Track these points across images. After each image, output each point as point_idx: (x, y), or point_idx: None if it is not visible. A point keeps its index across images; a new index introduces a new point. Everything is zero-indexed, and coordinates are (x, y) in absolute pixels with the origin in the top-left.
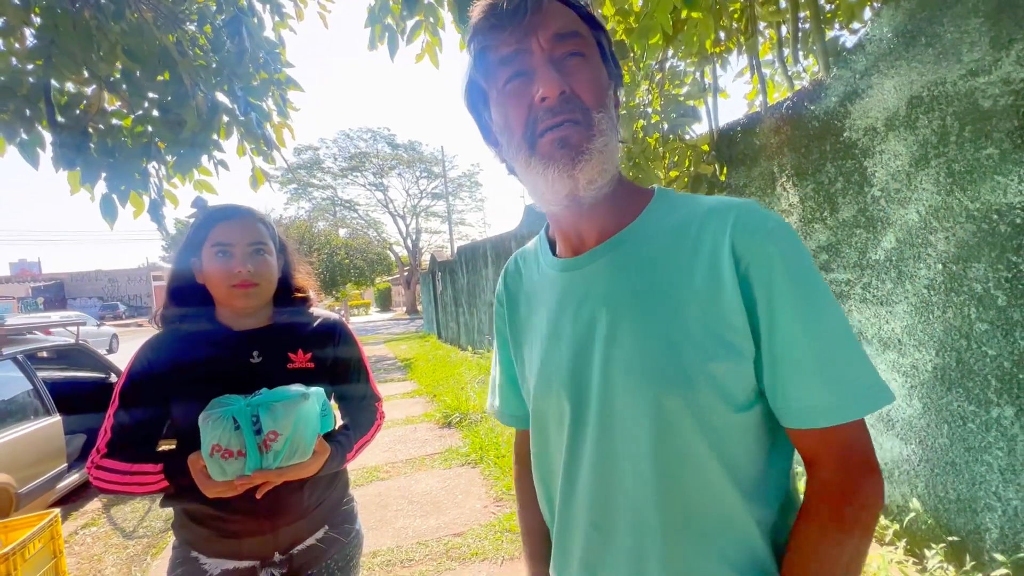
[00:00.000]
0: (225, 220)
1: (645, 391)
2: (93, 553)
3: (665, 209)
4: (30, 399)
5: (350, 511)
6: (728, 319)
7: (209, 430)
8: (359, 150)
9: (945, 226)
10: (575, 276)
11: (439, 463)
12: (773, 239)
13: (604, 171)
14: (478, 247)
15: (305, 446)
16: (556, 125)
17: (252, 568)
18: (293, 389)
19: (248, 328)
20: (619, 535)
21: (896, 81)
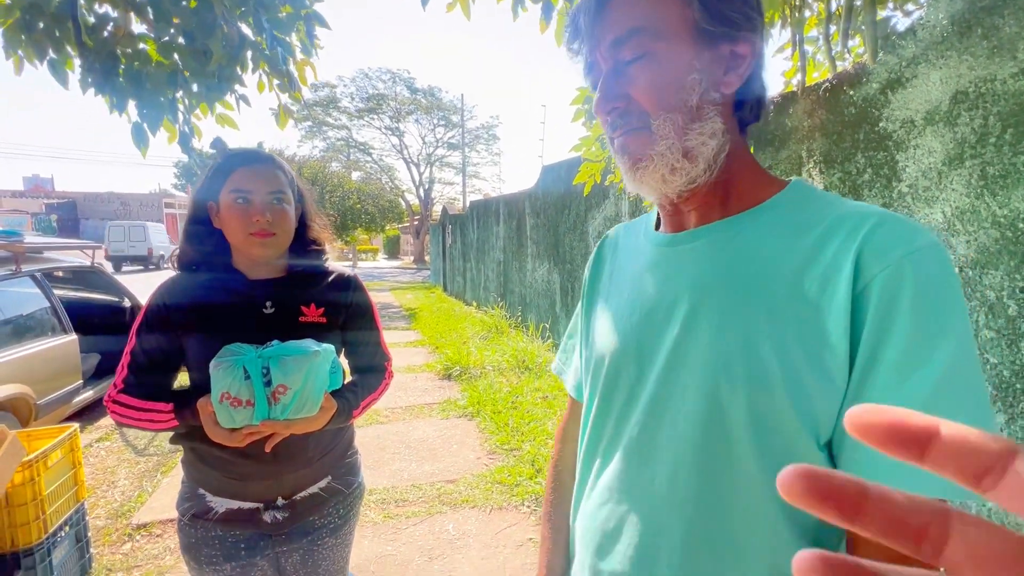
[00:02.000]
0: (246, 166)
1: (710, 388)
2: (107, 465)
3: (792, 204)
4: (48, 316)
5: (354, 463)
6: (830, 340)
7: (220, 378)
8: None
9: (968, 229)
10: (668, 252)
11: (437, 413)
12: (915, 261)
13: (674, 170)
14: (491, 203)
15: (313, 401)
16: (617, 136)
17: (256, 509)
18: (305, 345)
19: (263, 277)
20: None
21: (943, 73)
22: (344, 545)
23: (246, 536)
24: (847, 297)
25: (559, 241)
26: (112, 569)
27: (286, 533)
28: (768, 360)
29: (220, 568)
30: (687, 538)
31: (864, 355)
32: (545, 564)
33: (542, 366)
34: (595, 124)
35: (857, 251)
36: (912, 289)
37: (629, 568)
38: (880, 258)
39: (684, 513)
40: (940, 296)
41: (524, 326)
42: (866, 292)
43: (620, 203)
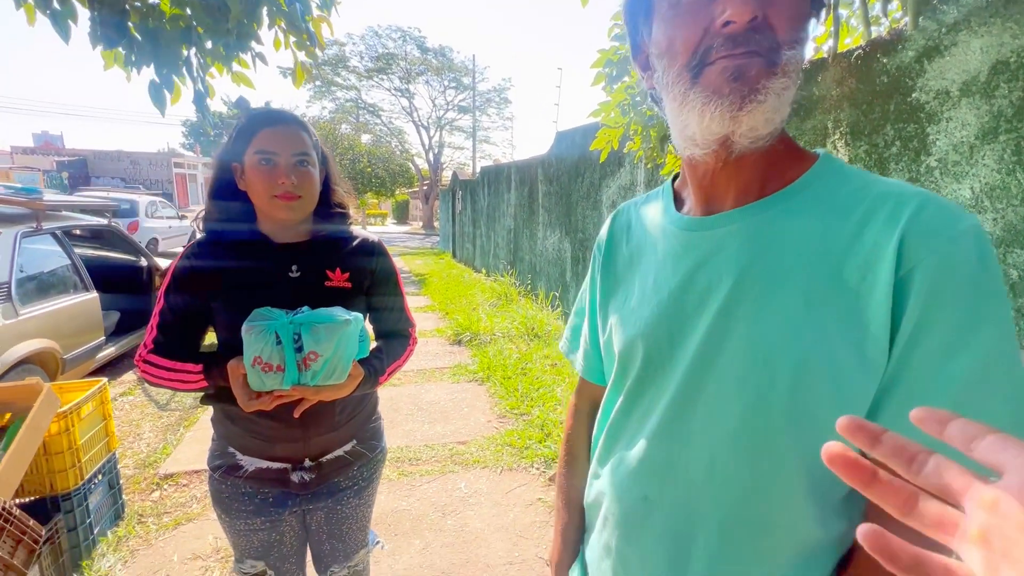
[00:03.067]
0: (271, 126)
1: (749, 378)
2: (132, 419)
3: (828, 182)
4: (69, 274)
5: (377, 428)
6: (870, 327)
7: (252, 342)
8: (387, 50)
9: (997, 207)
10: (699, 237)
11: (448, 377)
12: (959, 246)
13: (771, 121)
14: (502, 169)
15: (342, 369)
16: (734, 56)
17: (284, 470)
18: (336, 313)
19: (288, 241)
20: (670, 514)
21: (985, 41)
22: (367, 506)
23: (275, 494)
24: (889, 283)
25: (571, 209)
26: (143, 515)
27: (312, 493)
28: (809, 351)
29: (251, 522)
30: (724, 522)
31: (903, 340)
32: (560, 535)
33: (551, 334)
34: (616, 88)
35: (900, 236)
36: (953, 275)
37: (662, 551)
38: (923, 243)
39: (721, 499)
40: (980, 281)
41: (534, 294)
42: (908, 278)
43: (636, 172)
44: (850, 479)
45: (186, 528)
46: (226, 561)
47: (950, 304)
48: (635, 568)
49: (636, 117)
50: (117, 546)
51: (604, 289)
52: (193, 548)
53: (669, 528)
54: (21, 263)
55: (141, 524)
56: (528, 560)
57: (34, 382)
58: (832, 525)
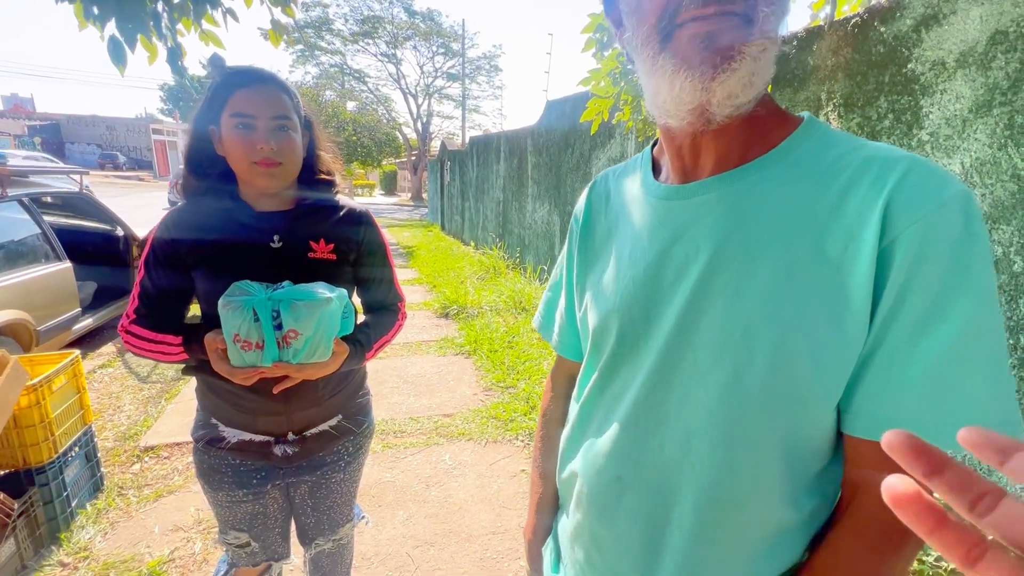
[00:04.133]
0: (246, 87)
1: (727, 354)
2: (112, 391)
3: (811, 146)
4: (39, 243)
5: (365, 404)
6: (851, 301)
7: (229, 318)
8: (372, 13)
9: (986, 182)
10: (677, 206)
11: (434, 350)
12: (944, 213)
13: (750, 85)
14: (491, 140)
15: (325, 347)
16: (704, 17)
17: (267, 443)
18: (318, 290)
19: (271, 210)
20: (644, 494)
21: (985, 9)
22: (352, 481)
23: (257, 466)
24: (872, 254)
25: (561, 181)
26: (123, 487)
27: (296, 466)
28: (788, 326)
29: (233, 493)
30: (699, 501)
31: (883, 313)
32: (534, 510)
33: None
34: (608, 56)
35: (884, 204)
36: (936, 244)
37: (636, 532)
38: (908, 212)
39: (696, 478)
40: (963, 251)
41: (522, 267)
42: (891, 248)
43: (626, 143)
44: (915, 524)
45: (167, 500)
46: (208, 532)
47: (931, 275)
48: (609, 548)
49: (627, 86)
50: (96, 518)
51: (581, 263)
52: (174, 520)
53: (643, 508)
54: None
55: (121, 496)
56: (511, 530)
57: (0, 354)
58: (805, 503)
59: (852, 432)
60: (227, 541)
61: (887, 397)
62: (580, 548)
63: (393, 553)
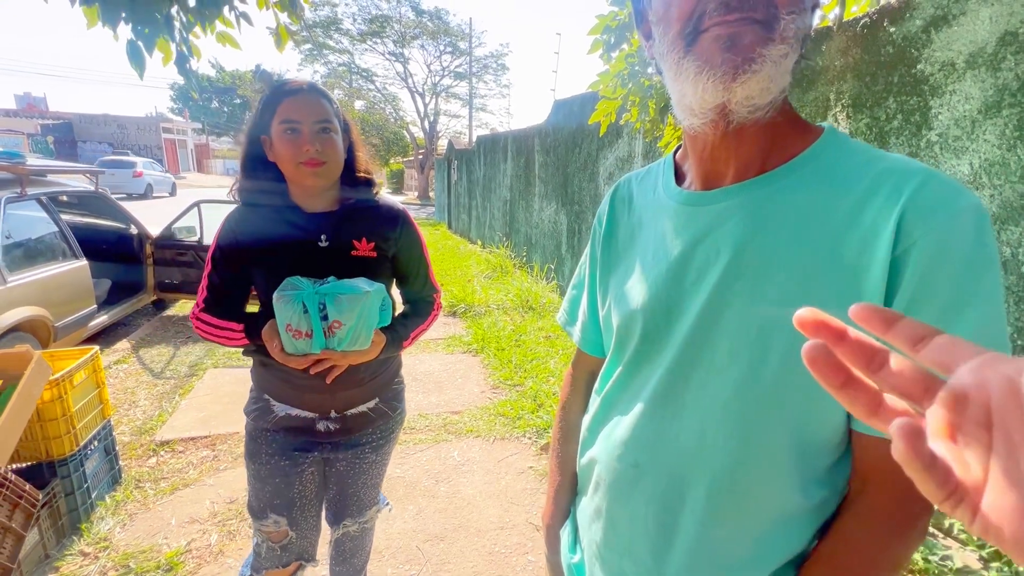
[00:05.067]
0: (292, 96)
1: (743, 351)
2: (127, 386)
3: (831, 156)
4: (57, 241)
5: (399, 391)
6: None
7: (281, 310)
8: (380, 12)
9: (995, 183)
10: (699, 212)
11: (442, 348)
12: (957, 224)
13: (768, 90)
14: (499, 139)
15: (365, 336)
16: (727, 23)
17: (312, 419)
18: (359, 284)
19: (318, 210)
20: (659, 480)
21: (994, 10)
22: (382, 464)
23: (301, 440)
24: (886, 261)
25: (568, 181)
26: (140, 480)
27: (334, 443)
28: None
29: (277, 464)
30: (712, 488)
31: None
32: (553, 496)
33: (546, 306)
34: (616, 57)
35: (900, 213)
36: (948, 254)
37: (651, 514)
38: (922, 221)
39: (710, 466)
40: (974, 260)
41: (529, 266)
42: (905, 256)
43: (634, 143)
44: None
45: (183, 493)
46: (223, 524)
47: (942, 283)
48: (624, 529)
49: (635, 88)
50: (115, 510)
51: (604, 263)
52: (190, 512)
53: (658, 492)
54: (7, 230)
55: (139, 489)
56: (519, 525)
57: (24, 350)
58: (814, 492)
59: (860, 429)
60: (263, 528)
61: None
62: (598, 529)
63: (404, 547)
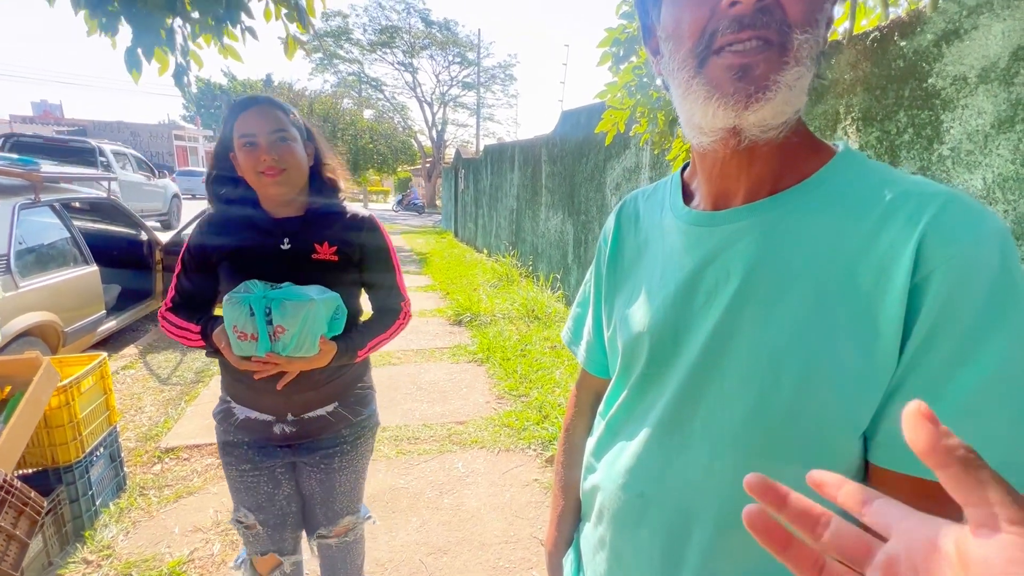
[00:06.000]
0: (244, 110)
1: (753, 378)
2: (133, 392)
3: (846, 177)
4: (69, 247)
5: (364, 395)
6: (881, 333)
7: (228, 312)
8: (390, 22)
9: (1008, 198)
10: (708, 232)
11: (447, 357)
12: (980, 250)
13: (782, 112)
14: (506, 148)
15: (310, 344)
16: (740, 42)
17: (269, 422)
18: (307, 292)
19: (284, 216)
20: (665, 512)
21: (1007, 25)
22: (353, 471)
23: (260, 443)
24: (904, 288)
25: (575, 191)
26: (145, 487)
27: (294, 446)
28: (816, 355)
29: (241, 468)
30: (719, 520)
31: (913, 347)
32: (555, 522)
33: (552, 316)
34: (624, 69)
35: (919, 239)
36: (971, 282)
37: (656, 546)
38: (943, 248)
39: (718, 499)
40: (998, 289)
41: (535, 276)
42: (924, 284)
43: (641, 155)
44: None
45: (187, 501)
46: (227, 534)
47: (964, 312)
48: (629, 562)
49: (643, 99)
50: (119, 517)
51: (610, 282)
52: (194, 520)
53: (664, 524)
54: (20, 235)
55: (143, 496)
56: (523, 539)
57: (33, 356)
58: None
59: (877, 462)
60: (237, 519)
61: None
62: (602, 560)
63: (407, 560)
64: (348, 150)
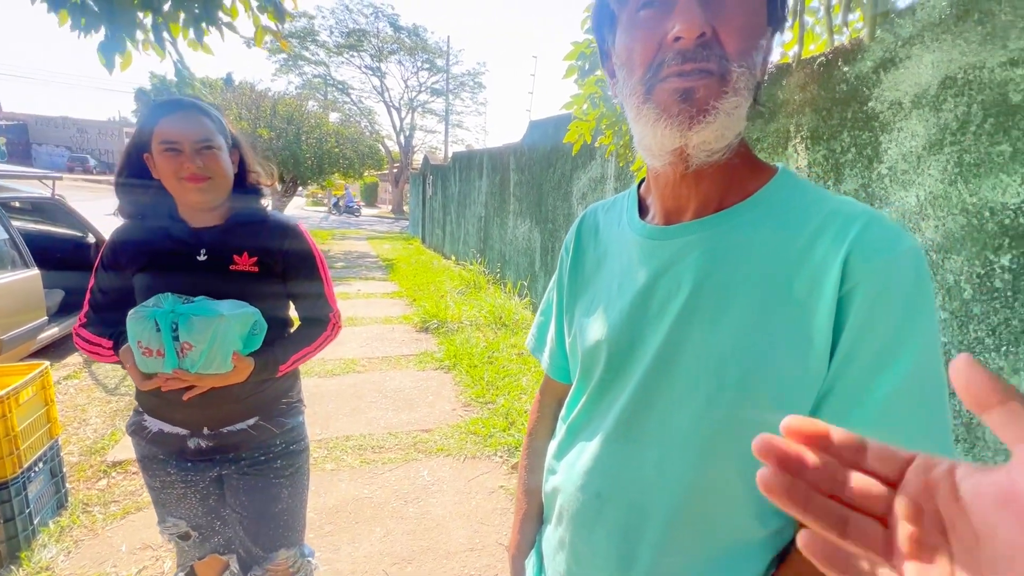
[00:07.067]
0: (168, 115)
1: (701, 382)
2: (77, 403)
3: (783, 195)
4: (7, 249)
5: (289, 408)
6: (814, 339)
7: (133, 326)
8: (358, 26)
9: (939, 215)
10: (661, 245)
11: (413, 364)
12: (897, 265)
13: (723, 136)
14: (474, 156)
15: (221, 360)
16: (684, 73)
17: (183, 436)
18: (220, 307)
19: (204, 225)
20: (620, 511)
21: (936, 56)
22: (283, 488)
23: (174, 458)
24: (833, 298)
25: (542, 199)
26: (89, 504)
27: (211, 460)
28: (757, 360)
29: (164, 480)
30: (670, 518)
31: (841, 353)
32: (519, 525)
33: (519, 323)
34: (587, 82)
35: (845, 254)
36: (889, 295)
37: (612, 546)
38: (865, 263)
39: (668, 496)
40: (912, 301)
41: (502, 283)
42: (850, 295)
43: (606, 165)
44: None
45: (135, 517)
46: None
47: (883, 322)
48: (587, 561)
49: (608, 111)
50: (60, 536)
51: (571, 291)
52: (143, 538)
53: (619, 522)
54: None
55: (86, 513)
56: (489, 546)
57: None
58: (770, 521)
59: None
60: (167, 531)
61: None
62: (561, 560)
63: (370, 571)
64: (312, 154)
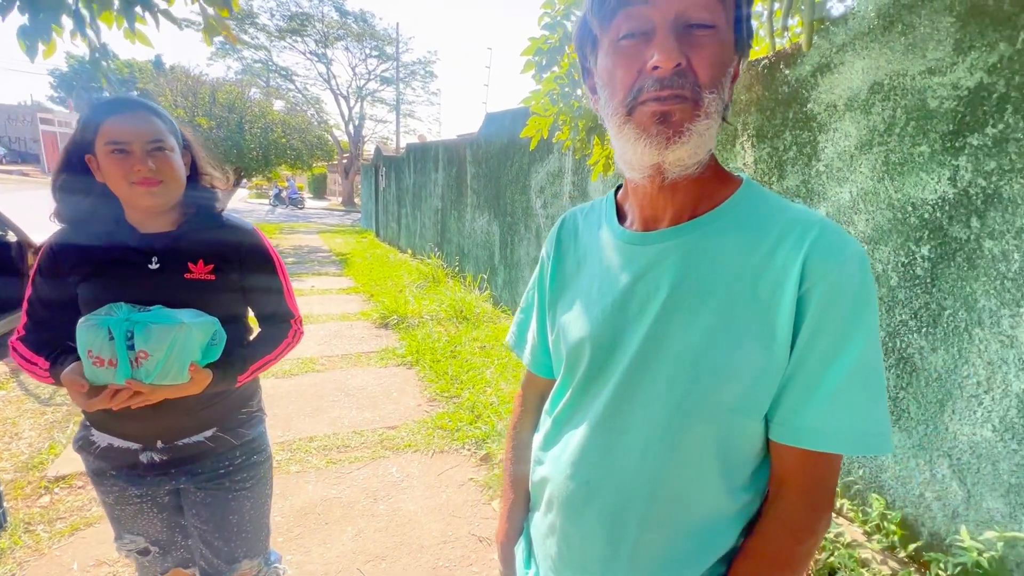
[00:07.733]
0: (115, 115)
1: (679, 376)
2: (6, 416)
3: (748, 205)
4: None
5: (249, 419)
6: (777, 334)
7: (83, 335)
8: (301, 9)
9: (869, 209)
10: (640, 250)
11: (375, 361)
12: (846, 268)
13: (695, 154)
14: (429, 148)
15: (178, 370)
16: (661, 99)
17: (135, 451)
18: (179, 316)
19: (153, 231)
20: (608, 496)
21: (866, 63)
22: (244, 500)
23: (124, 473)
24: (793, 298)
25: (501, 193)
26: (31, 523)
27: (167, 474)
28: (727, 356)
29: (119, 496)
30: (652, 498)
31: (801, 345)
32: (506, 516)
33: (480, 316)
34: (546, 78)
35: (803, 258)
36: (840, 294)
37: (600, 529)
38: (820, 266)
39: (652, 480)
40: (858, 299)
41: (462, 276)
42: (807, 295)
43: (564, 159)
44: None
45: (86, 533)
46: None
47: (835, 318)
48: (576, 544)
49: (565, 107)
50: (0, 560)
51: (553, 291)
52: (96, 554)
53: (608, 507)
54: None
55: (29, 533)
56: (461, 538)
57: None
58: (740, 496)
59: (776, 439)
60: (124, 547)
61: (803, 411)
62: (552, 544)
63: (343, 570)
64: (257, 145)
